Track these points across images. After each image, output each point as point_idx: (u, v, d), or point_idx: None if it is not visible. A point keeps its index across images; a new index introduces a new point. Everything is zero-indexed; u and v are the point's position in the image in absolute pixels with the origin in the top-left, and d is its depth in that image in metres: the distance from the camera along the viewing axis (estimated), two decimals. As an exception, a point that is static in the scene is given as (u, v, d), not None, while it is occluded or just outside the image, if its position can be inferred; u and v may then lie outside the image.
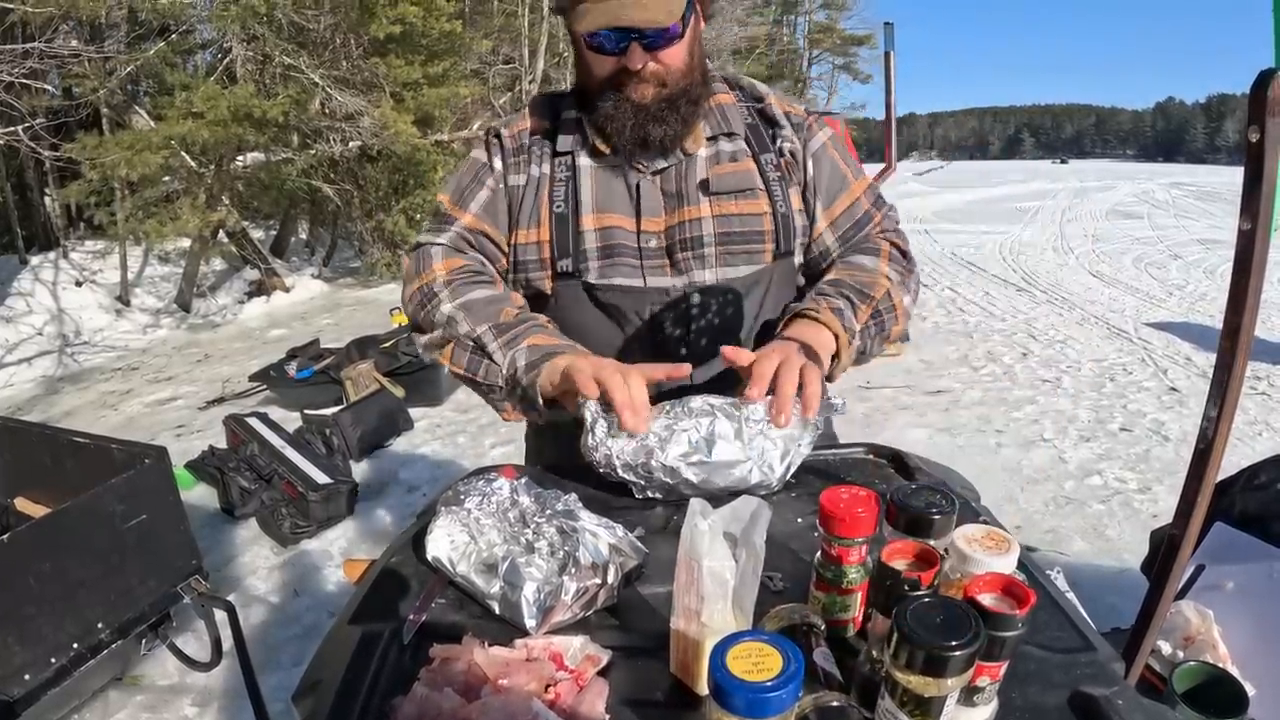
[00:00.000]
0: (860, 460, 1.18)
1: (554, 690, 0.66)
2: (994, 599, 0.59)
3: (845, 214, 1.31)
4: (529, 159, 1.28)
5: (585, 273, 1.23)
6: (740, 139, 1.28)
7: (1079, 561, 3.08)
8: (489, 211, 1.28)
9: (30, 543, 1.86)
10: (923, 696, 0.53)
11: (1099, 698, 0.65)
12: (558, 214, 1.24)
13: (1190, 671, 1.55)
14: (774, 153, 1.28)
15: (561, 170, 1.26)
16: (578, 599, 0.77)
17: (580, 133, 1.27)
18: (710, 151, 1.26)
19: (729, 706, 0.49)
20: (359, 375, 5.06)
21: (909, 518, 0.69)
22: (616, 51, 1.13)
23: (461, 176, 1.31)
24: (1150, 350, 6.01)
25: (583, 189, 1.25)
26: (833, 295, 1.18)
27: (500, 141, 1.30)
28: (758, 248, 1.25)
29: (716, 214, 1.23)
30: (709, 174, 1.24)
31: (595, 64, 1.17)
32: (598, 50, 1.14)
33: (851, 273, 1.24)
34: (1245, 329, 0.76)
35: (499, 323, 1.15)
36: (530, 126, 1.30)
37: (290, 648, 2.75)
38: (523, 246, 1.27)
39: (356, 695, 0.69)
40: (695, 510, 0.64)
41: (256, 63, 9.24)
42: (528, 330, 1.14)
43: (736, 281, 1.24)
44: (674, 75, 1.17)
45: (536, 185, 1.27)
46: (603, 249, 1.23)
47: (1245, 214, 0.74)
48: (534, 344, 1.11)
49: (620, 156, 1.24)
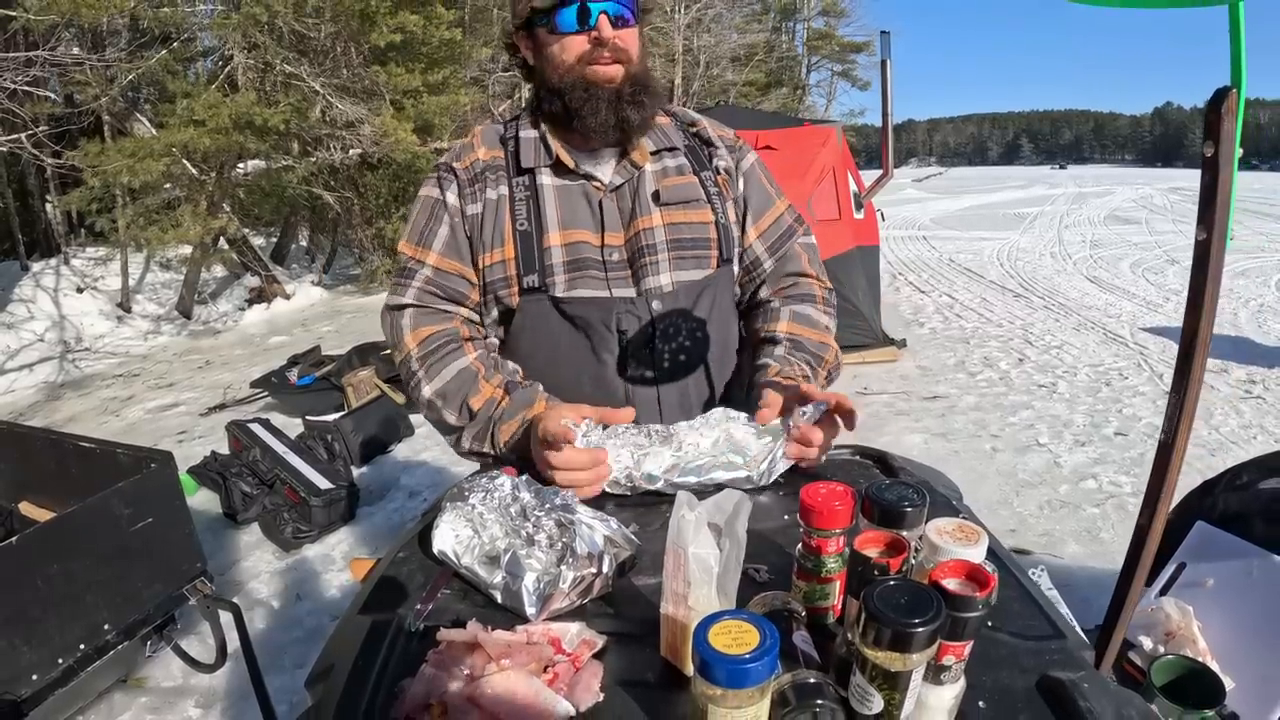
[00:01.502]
0: (846, 461, 1.23)
1: (552, 671, 0.71)
2: (957, 583, 0.63)
3: (772, 226, 1.42)
4: (484, 185, 1.31)
5: (551, 287, 1.28)
6: (681, 155, 1.37)
7: (1073, 564, 3.11)
8: (451, 247, 1.31)
9: (38, 545, 1.89)
10: (890, 671, 0.58)
11: (1066, 681, 0.69)
12: (521, 231, 1.28)
13: (1169, 665, 1.60)
14: (711, 170, 1.38)
15: (521, 190, 1.30)
16: (575, 587, 0.82)
17: (543, 150, 1.31)
18: (657, 166, 1.34)
19: (711, 678, 0.53)
20: (360, 382, 5.10)
21: (882, 510, 0.74)
22: (588, 24, 1.20)
23: (417, 219, 1.33)
24: (1146, 355, 6.06)
25: (546, 206, 1.29)
26: (798, 362, 1.30)
27: (454, 174, 1.32)
28: (705, 254, 1.34)
29: (667, 222, 1.31)
30: (659, 185, 1.32)
31: (565, 47, 1.23)
32: (566, 27, 1.21)
33: (805, 330, 1.36)
34: (1203, 331, 0.81)
35: (474, 429, 1.25)
36: (482, 155, 1.33)
37: (293, 651, 2.78)
38: (489, 268, 1.30)
39: (368, 678, 0.73)
40: (682, 502, 0.69)
41: (257, 71, 9.29)
42: (495, 426, 1.23)
43: (691, 285, 1.32)
44: (633, 62, 1.25)
45: (496, 207, 1.30)
46: (569, 263, 1.28)
47: (1201, 225, 0.79)
48: (506, 438, 1.22)
49: (578, 174, 1.30)
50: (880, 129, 6.12)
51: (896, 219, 17.89)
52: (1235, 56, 0.86)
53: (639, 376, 1.30)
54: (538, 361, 1.32)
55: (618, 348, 1.29)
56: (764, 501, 1.07)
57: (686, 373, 1.33)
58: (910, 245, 13.86)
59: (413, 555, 0.97)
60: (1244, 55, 0.87)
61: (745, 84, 21.86)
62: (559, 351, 1.30)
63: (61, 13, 7.12)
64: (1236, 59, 0.87)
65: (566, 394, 1.28)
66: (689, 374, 1.34)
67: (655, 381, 1.31)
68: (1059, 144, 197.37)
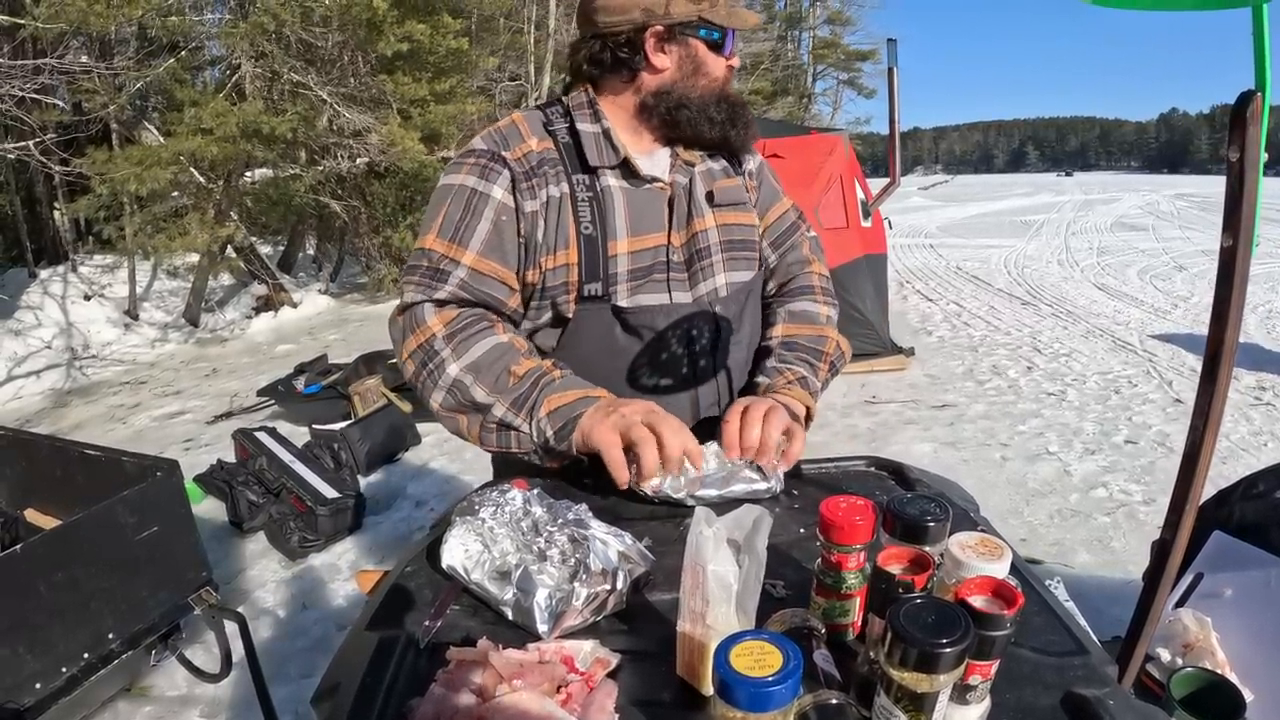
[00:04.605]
0: (862, 472, 1.22)
1: (565, 691, 0.69)
2: (984, 600, 0.61)
3: (777, 222, 1.44)
4: (544, 180, 1.19)
5: (614, 295, 1.21)
6: (721, 157, 1.37)
7: (1084, 573, 3.08)
8: (493, 246, 1.17)
9: (43, 553, 1.88)
10: (916, 693, 0.56)
11: (1091, 698, 0.67)
12: (586, 236, 1.19)
13: (1188, 678, 1.57)
14: (743, 175, 1.39)
15: (582, 189, 1.20)
16: (588, 604, 0.80)
17: (609, 147, 1.22)
18: (704, 168, 1.33)
19: (733, 701, 0.52)
20: (366, 390, 5.09)
21: (904, 525, 0.72)
22: (732, 52, 1.27)
23: (449, 211, 1.18)
24: (1155, 362, 6.03)
25: (615, 210, 1.21)
26: (793, 363, 1.30)
27: (505, 165, 1.18)
28: (752, 255, 1.35)
29: (720, 224, 1.30)
30: (711, 187, 1.31)
31: (715, 65, 1.26)
32: (724, 51, 1.25)
33: (800, 328, 1.36)
34: (1229, 340, 0.79)
35: (514, 395, 1.10)
36: (535, 146, 1.20)
37: (299, 660, 2.76)
38: (550, 271, 1.19)
39: (375, 697, 0.71)
40: (700, 518, 0.67)
41: (265, 79, 9.31)
42: (541, 393, 1.09)
43: (740, 288, 1.32)
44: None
45: (558, 206, 1.19)
46: (634, 271, 1.22)
47: (1227, 231, 0.77)
48: (552, 409, 1.07)
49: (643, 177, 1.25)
50: (887, 137, 6.11)
51: (903, 227, 17.84)
52: (1259, 60, 0.84)
53: (703, 381, 1.30)
54: (594, 372, 1.19)
55: (683, 354, 1.27)
56: (780, 514, 1.06)
57: (740, 376, 1.35)
58: (917, 253, 13.84)
59: (421, 570, 0.95)
60: (1269, 58, 0.85)
61: (751, 92, 21.88)
62: (615, 360, 1.24)
63: (70, 21, 7.15)
64: (1261, 62, 0.86)
65: None
66: (741, 377, 1.35)
67: (715, 386, 1.31)
68: (1065, 151, 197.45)
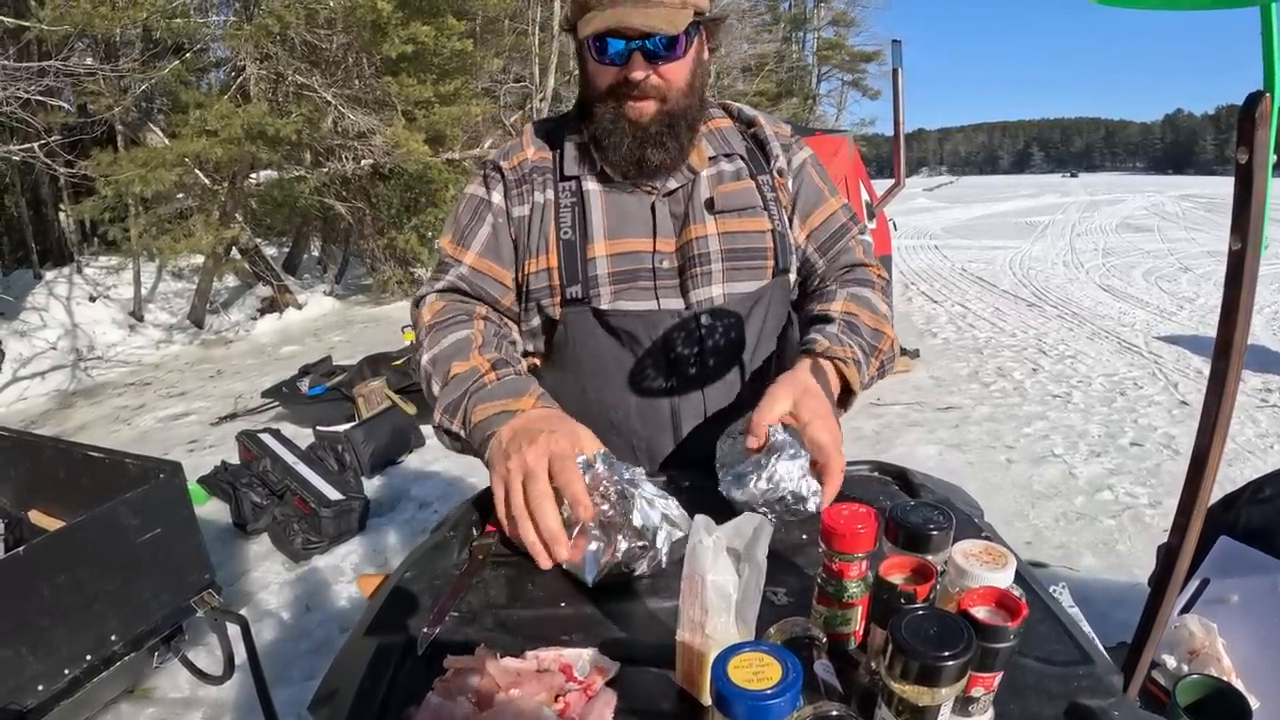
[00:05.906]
0: (866, 477, 1.20)
1: (564, 700, 0.68)
2: (987, 611, 0.60)
3: (823, 225, 1.34)
4: (532, 188, 1.27)
5: (595, 299, 1.23)
6: (739, 159, 1.31)
7: (1089, 577, 3.07)
8: (491, 249, 1.27)
9: (47, 555, 1.88)
10: (917, 706, 0.55)
11: (1096, 709, 0.66)
12: (565, 240, 1.23)
13: (1194, 685, 1.56)
14: (770, 174, 1.32)
15: (566, 196, 1.26)
16: (627, 557, 0.87)
17: (588, 158, 1.26)
18: (713, 171, 1.29)
19: (730, 714, 0.51)
20: (371, 392, 5.10)
21: (907, 533, 0.71)
22: (619, 61, 1.13)
23: (460, 216, 1.29)
24: (1161, 364, 6.00)
25: (592, 214, 1.24)
26: (850, 343, 1.17)
27: (501, 174, 1.28)
28: (760, 264, 1.27)
29: (722, 231, 1.25)
30: (713, 193, 1.27)
31: (598, 74, 1.18)
32: (600, 58, 1.14)
33: (862, 311, 1.24)
34: (1237, 342, 0.78)
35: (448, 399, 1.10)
36: (530, 155, 1.29)
37: (302, 663, 2.76)
38: (532, 275, 1.25)
39: (372, 704, 0.71)
40: (700, 527, 0.66)
41: (270, 81, 9.34)
42: (471, 400, 1.09)
43: (743, 298, 1.26)
44: (674, 93, 1.17)
45: (542, 212, 1.25)
46: (615, 274, 1.23)
47: (1235, 234, 0.76)
48: (479, 419, 1.06)
49: (628, 182, 1.25)
50: (891, 138, 6.10)
51: (908, 228, 17.82)
52: (1268, 60, 0.83)
53: (685, 392, 1.26)
54: (581, 375, 1.27)
55: (665, 362, 1.25)
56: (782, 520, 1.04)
57: (733, 389, 1.29)
58: (922, 254, 13.82)
59: (421, 575, 0.94)
60: (1277, 58, 0.84)
61: (756, 94, 21.87)
62: (603, 365, 1.25)
63: (75, 23, 7.18)
64: (1269, 62, 0.84)
65: (610, 409, 1.25)
66: (735, 390, 1.29)
67: (702, 397, 1.27)
68: (1070, 152, 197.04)
